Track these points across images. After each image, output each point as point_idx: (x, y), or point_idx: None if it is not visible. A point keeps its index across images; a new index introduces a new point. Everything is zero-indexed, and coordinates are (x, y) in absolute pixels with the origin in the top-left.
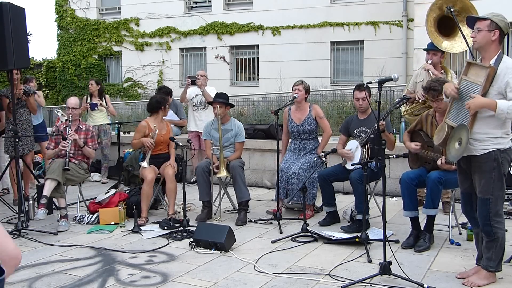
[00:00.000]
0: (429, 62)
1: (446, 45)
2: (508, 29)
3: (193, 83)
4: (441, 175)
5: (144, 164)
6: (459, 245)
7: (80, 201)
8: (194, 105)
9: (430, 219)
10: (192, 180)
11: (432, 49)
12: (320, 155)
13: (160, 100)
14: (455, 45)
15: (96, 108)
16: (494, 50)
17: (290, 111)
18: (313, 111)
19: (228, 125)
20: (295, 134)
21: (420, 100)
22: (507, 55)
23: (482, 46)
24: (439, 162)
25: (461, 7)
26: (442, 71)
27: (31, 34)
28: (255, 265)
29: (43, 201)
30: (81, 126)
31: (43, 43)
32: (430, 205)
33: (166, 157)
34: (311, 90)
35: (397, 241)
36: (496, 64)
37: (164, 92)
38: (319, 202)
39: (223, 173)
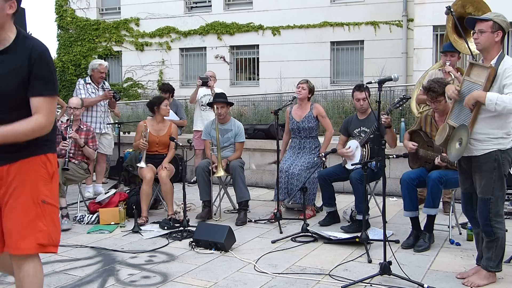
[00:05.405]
0: (448, 63)
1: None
2: (509, 28)
3: (204, 84)
4: (442, 174)
5: (142, 164)
6: (459, 245)
7: (80, 201)
8: (202, 105)
9: (430, 219)
10: (192, 180)
11: (450, 50)
12: (320, 155)
13: (153, 101)
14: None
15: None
16: (496, 50)
17: (292, 109)
18: (315, 109)
19: (228, 125)
20: (295, 132)
21: None
22: (507, 55)
23: (486, 47)
24: (436, 161)
25: (477, 7)
26: (458, 73)
27: (31, 34)
28: (255, 265)
29: None
30: (82, 126)
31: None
32: (431, 204)
33: (162, 158)
34: None
35: (397, 241)
36: (496, 64)
37: (166, 89)
38: (319, 202)
39: (221, 173)
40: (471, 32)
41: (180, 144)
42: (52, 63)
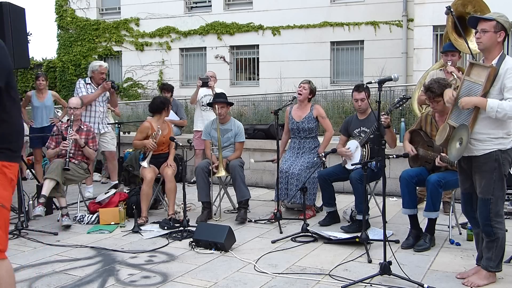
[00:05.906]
0: (449, 63)
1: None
2: (511, 29)
3: (204, 84)
4: (441, 177)
5: (144, 164)
6: (459, 245)
7: (80, 201)
8: (202, 105)
9: (432, 221)
10: (192, 180)
11: (451, 50)
12: (321, 155)
13: (164, 101)
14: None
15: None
16: (498, 50)
17: (292, 109)
18: (315, 110)
19: (228, 125)
20: (295, 132)
21: None
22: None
23: (488, 47)
24: (436, 161)
25: (475, 6)
26: (460, 72)
27: (31, 34)
28: (255, 265)
29: (41, 200)
30: (82, 127)
31: (43, 43)
32: (431, 208)
33: (166, 157)
34: None
35: (397, 241)
36: (498, 64)
37: (166, 89)
38: (319, 202)
39: (222, 173)
40: (474, 32)
41: (180, 144)
42: (4, 57)
